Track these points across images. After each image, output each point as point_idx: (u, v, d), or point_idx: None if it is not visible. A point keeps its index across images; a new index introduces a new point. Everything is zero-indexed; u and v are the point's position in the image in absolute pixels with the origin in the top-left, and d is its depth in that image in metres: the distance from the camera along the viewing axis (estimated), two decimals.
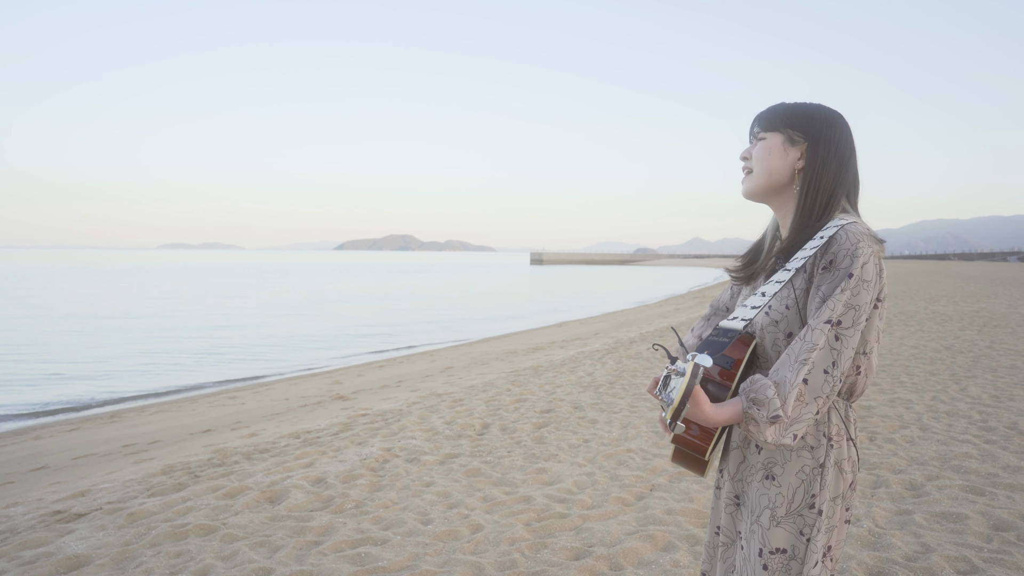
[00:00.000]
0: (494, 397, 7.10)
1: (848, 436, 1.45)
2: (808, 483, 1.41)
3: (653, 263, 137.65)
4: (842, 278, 1.34)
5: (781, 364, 1.36)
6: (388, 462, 4.80)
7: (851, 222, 1.39)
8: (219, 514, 3.81)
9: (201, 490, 4.29)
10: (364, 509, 3.83)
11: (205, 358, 14.06)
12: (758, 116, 1.54)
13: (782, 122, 1.49)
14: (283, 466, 4.79)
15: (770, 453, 1.46)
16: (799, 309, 1.41)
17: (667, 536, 3.30)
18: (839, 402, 1.46)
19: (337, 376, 11.12)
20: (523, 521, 3.57)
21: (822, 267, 1.37)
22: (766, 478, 1.45)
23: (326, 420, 6.71)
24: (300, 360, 13.87)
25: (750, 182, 1.53)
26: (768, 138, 1.50)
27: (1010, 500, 3.72)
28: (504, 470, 4.52)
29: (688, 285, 43.62)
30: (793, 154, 1.48)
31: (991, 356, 8.82)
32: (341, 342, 16.67)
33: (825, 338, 1.33)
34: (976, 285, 26.23)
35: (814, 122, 1.47)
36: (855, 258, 1.34)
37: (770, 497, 1.43)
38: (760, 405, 1.33)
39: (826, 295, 1.35)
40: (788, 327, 1.42)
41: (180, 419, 8.22)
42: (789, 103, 1.52)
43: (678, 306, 22.87)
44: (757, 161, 1.51)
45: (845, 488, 1.44)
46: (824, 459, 1.41)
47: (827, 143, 1.47)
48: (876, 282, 1.36)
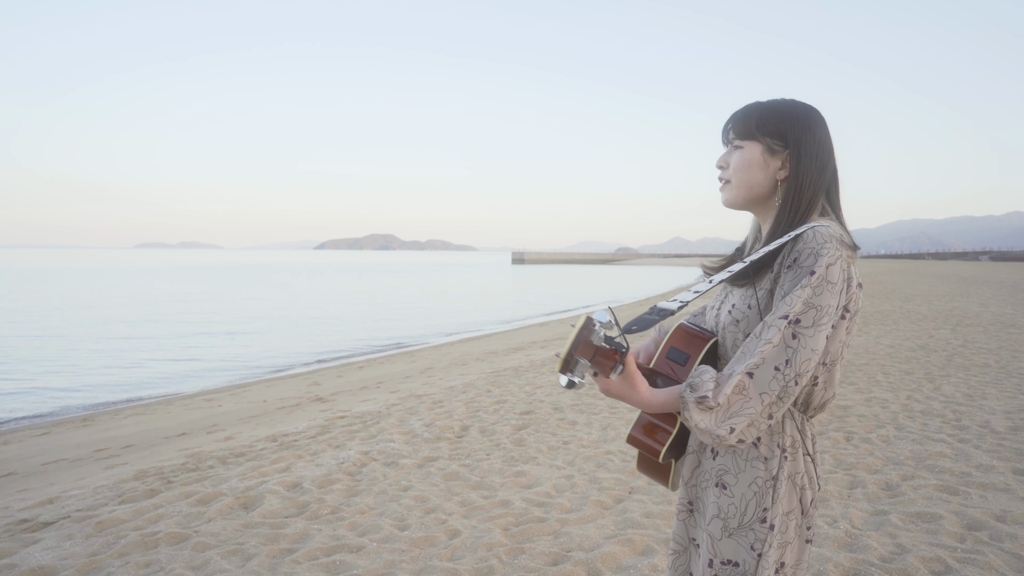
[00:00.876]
0: (474, 398, 7.06)
1: (805, 450, 1.40)
2: (760, 496, 1.36)
3: (634, 262, 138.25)
4: (803, 275, 1.29)
5: (734, 361, 1.32)
6: (366, 466, 4.75)
7: (823, 224, 1.35)
8: (191, 521, 3.74)
9: (174, 496, 4.22)
10: (340, 515, 3.78)
11: (181, 359, 13.87)
12: (732, 120, 1.47)
13: (759, 129, 1.42)
14: (259, 471, 4.72)
15: (724, 460, 1.40)
16: (761, 309, 1.37)
17: (645, 540, 3.29)
18: (795, 413, 1.41)
19: (316, 377, 11.03)
20: (501, 526, 3.54)
21: (786, 266, 1.33)
22: (718, 486, 1.40)
23: (304, 422, 6.64)
24: (279, 361, 13.74)
25: (729, 194, 1.47)
26: (746, 148, 1.44)
27: (983, 499, 3.76)
28: (483, 473, 4.49)
29: (669, 284, 43.84)
30: (774, 164, 1.42)
31: (964, 355, 8.93)
32: (320, 343, 16.54)
33: (780, 335, 1.28)
34: (949, 284, 26.63)
35: (793, 128, 1.41)
36: (819, 256, 1.29)
37: (721, 506, 1.39)
38: (694, 388, 1.28)
39: (786, 292, 1.31)
40: (749, 327, 1.38)
41: (155, 422, 8.10)
42: (763, 104, 1.45)
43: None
44: (736, 172, 1.45)
45: (805, 505, 1.39)
46: (777, 471, 1.36)
47: (808, 150, 1.41)
48: (843, 288, 1.31)
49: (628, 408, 6.27)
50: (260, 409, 8.24)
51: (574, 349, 1.21)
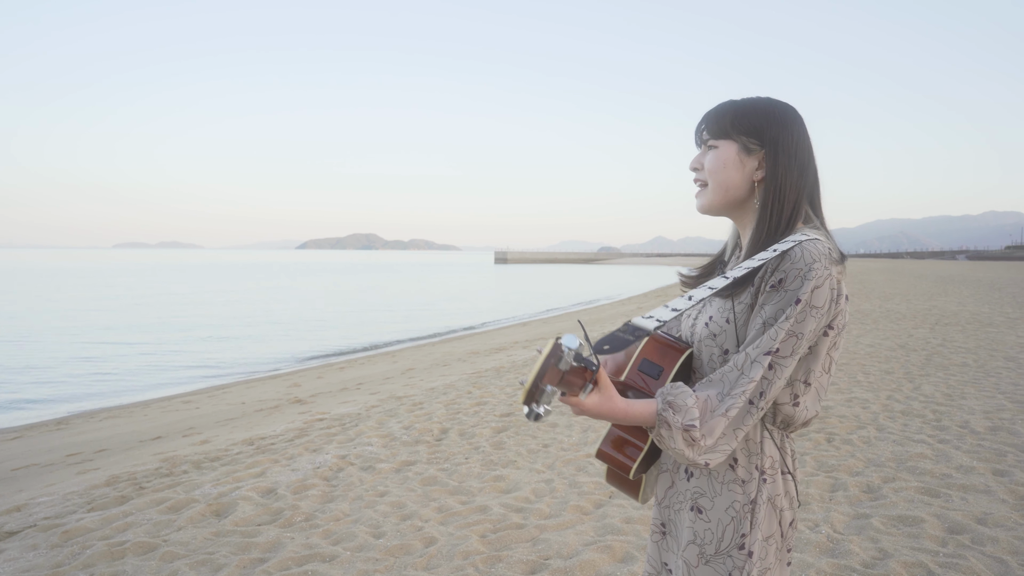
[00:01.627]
0: (454, 400, 6.99)
1: (784, 469, 1.34)
2: (738, 521, 1.29)
3: (617, 262, 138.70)
4: (788, 303, 1.22)
5: (709, 384, 1.25)
6: (342, 470, 4.66)
7: (811, 239, 1.26)
8: (161, 530, 3.64)
9: (144, 503, 4.11)
10: (314, 522, 3.69)
11: (159, 360, 13.67)
12: (706, 119, 1.39)
13: (734, 128, 1.35)
14: (233, 476, 4.62)
15: (699, 482, 1.34)
16: (738, 325, 1.30)
17: (625, 547, 3.24)
18: (774, 431, 1.34)
19: (296, 378, 10.89)
20: (478, 533, 3.47)
21: (770, 285, 1.25)
22: (693, 509, 1.34)
23: (282, 425, 6.53)
24: (259, 362, 13.57)
25: (705, 198, 1.39)
26: (720, 147, 1.36)
27: (963, 502, 3.74)
28: (461, 478, 4.42)
29: (651, 284, 43.96)
30: (750, 164, 1.35)
31: (943, 354, 8.99)
32: (301, 343, 16.38)
33: (763, 372, 1.22)
34: (928, 283, 26.92)
35: (770, 125, 1.34)
36: (806, 280, 1.21)
37: (697, 531, 1.32)
38: (676, 410, 1.20)
39: (768, 320, 1.23)
40: (726, 342, 1.31)
41: (131, 425, 7.95)
42: (738, 101, 1.38)
43: (641, 304, 23.00)
44: (711, 174, 1.37)
45: (784, 527, 1.33)
46: (756, 495, 1.30)
47: (786, 149, 1.33)
48: (829, 308, 1.24)
49: None
50: (238, 411, 8.11)
51: (540, 378, 1.11)
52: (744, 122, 1.34)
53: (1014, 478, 4.13)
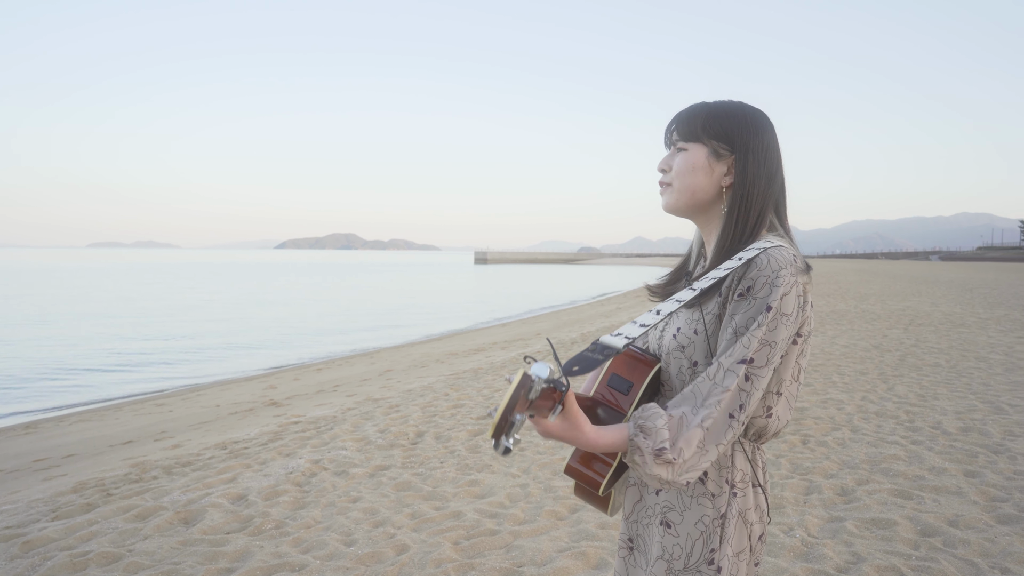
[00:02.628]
0: (431, 402, 6.93)
1: (755, 482, 1.31)
2: (708, 536, 1.26)
3: (596, 262, 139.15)
4: (759, 310, 1.19)
5: (683, 400, 1.21)
6: (315, 476, 4.59)
7: (776, 245, 1.24)
8: (126, 539, 3.55)
9: (111, 511, 4.01)
10: (284, 530, 3.63)
11: (133, 361, 13.45)
12: (676, 120, 1.37)
13: (704, 132, 1.32)
14: (204, 482, 4.53)
15: (668, 496, 1.31)
16: (708, 335, 1.27)
17: (599, 553, 3.21)
18: (745, 443, 1.31)
19: (272, 380, 10.76)
20: (451, 540, 3.43)
21: (738, 293, 1.22)
22: (662, 524, 1.31)
23: (256, 428, 6.43)
24: (235, 363, 13.40)
25: (670, 198, 1.37)
26: (690, 150, 1.33)
27: (936, 504, 3.77)
28: (435, 483, 4.37)
29: (629, 284, 44.12)
30: (719, 169, 1.32)
31: (916, 355, 9.08)
32: (279, 343, 16.21)
33: (737, 381, 1.19)
34: (902, 283, 27.27)
35: (741, 131, 1.31)
36: (774, 287, 1.19)
37: (665, 546, 1.29)
38: (647, 434, 1.16)
39: (739, 328, 1.21)
40: (695, 354, 1.28)
41: (101, 429, 7.79)
42: (710, 104, 1.35)
43: (620, 305, 23.05)
44: (678, 176, 1.34)
45: (753, 541, 1.30)
46: (726, 509, 1.27)
47: (756, 156, 1.31)
48: (797, 316, 1.22)
49: None
50: (212, 414, 7.99)
51: (510, 411, 1.04)
52: (715, 126, 1.32)
53: (985, 479, 4.16)
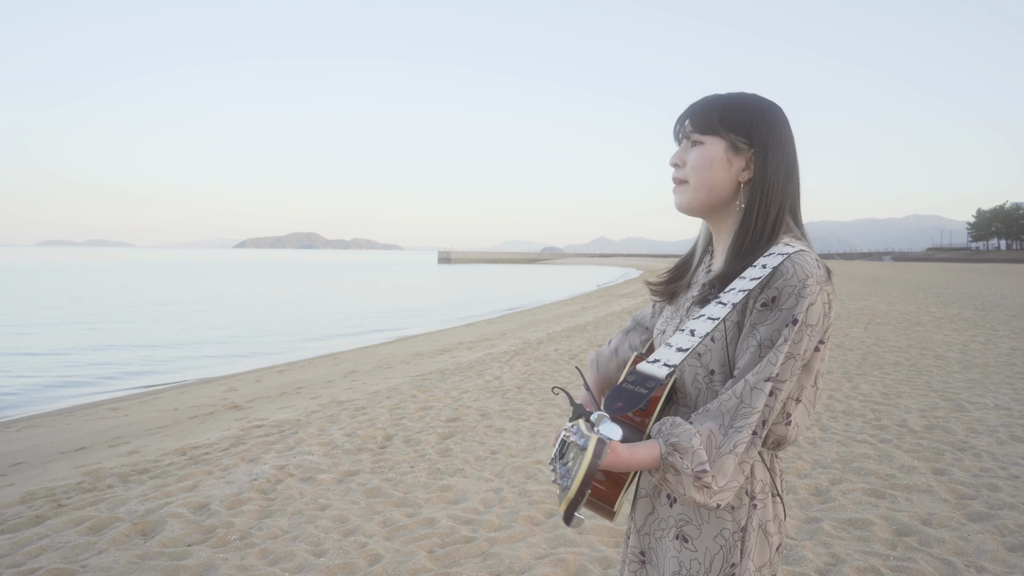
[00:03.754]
0: (398, 404, 6.80)
1: (774, 491, 1.26)
2: (728, 550, 1.20)
3: (560, 262, 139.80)
4: (784, 323, 1.14)
5: (707, 415, 1.15)
6: (281, 482, 4.43)
7: (799, 251, 1.18)
8: (79, 553, 3.36)
9: (63, 523, 3.80)
10: (250, 541, 3.47)
11: (84, 364, 12.99)
12: (691, 113, 1.30)
13: (722, 124, 1.25)
14: (162, 490, 4.34)
15: (684, 509, 1.25)
16: (726, 343, 1.21)
17: (579, 559, 3.14)
18: (764, 452, 1.26)
19: (233, 382, 10.48)
20: (425, 548, 3.32)
21: (761, 303, 1.16)
22: (678, 538, 1.24)
23: (217, 433, 6.22)
24: (193, 365, 13.03)
25: (685, 196, 1.29)
26: (707, 144, 1.26)
27: (908, 502, 3.79)
28: (407, 488, 4.25)
29: (593, 284, 44.33)
30: (737, 164, 1.26)
31: (877, 353, 9.24)
32: (239, 345, 15.83)
33: (765, 399, 1.13)
34: (858, 283, 27.89)
35: (759, 124, 1.25)
36: (801, 298, 1.14)
37: (682, 562, 1.23)
38: (683, 453, 1.11)
39: (764, 340, 1.15)
40: (711, 362, 1.22)
41: (52, 435, 7.47)
42: (725, 96, 1.29)
43: (584, 304, 23.11)
44: (695, 172, 1.27)
45: (771, 554, 1.24)
46: (746, 522, 1.21)
47: (776, 151, 1.25)
48: (821, 325, 1.17)
49: (558, 413, 6.15)
50: (170, 419, 7.72)
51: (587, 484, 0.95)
52: (733, 118, 1.26)
53: (953, 477, 4.21)
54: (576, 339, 11.92)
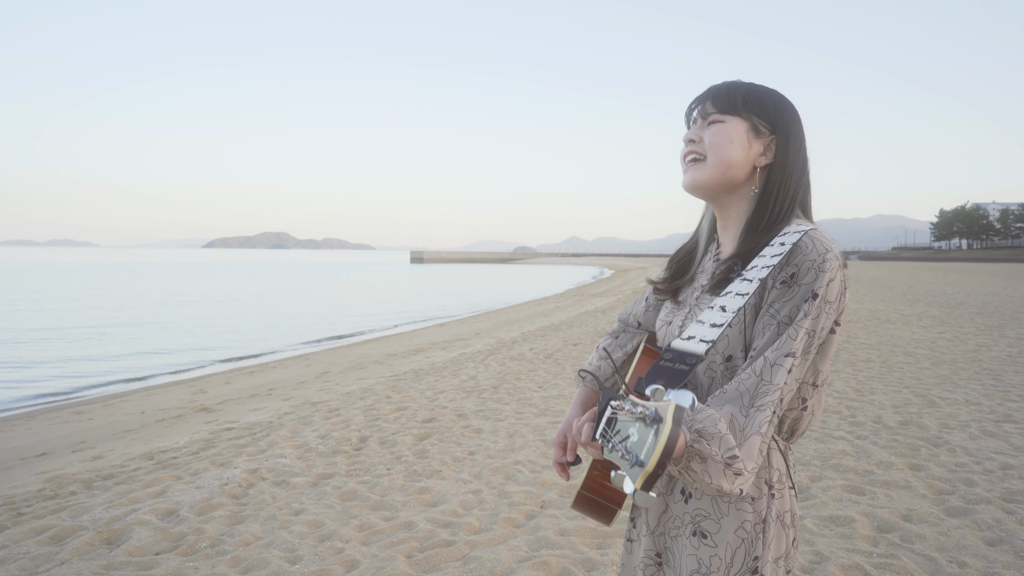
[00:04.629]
0: (372, 405, 6.68)
1: (790, 483, 1.23)
2: (750, 543, 1.16)
3: (533, 261, 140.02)
4: (804, 298, 1.10)
5: (726, 398, 1.10)
6: (253, 486, 4.31)
7: (814, 228, 1.17)
8: (40, 565, 3.21)
9: (22, 533, 3.64)
10: (221, 548, 3.35)
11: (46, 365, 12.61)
12: (714, 93, 1.27)
13: (745, 106, 1.24)
14: (129, 496, 4.19)
15: (701, 504, 1.19)
16: (744, 327, 1.16)
17: (562, 562, 3.07)
18: (779, 442, 1.22)
19: (202, 384, 10.25)
20: (404, 552, 3.23)
21: (781, 280, 1.13)
22: (695, 534, 1.19)
23: (185, 436, 6.05)
24: (161, 367, 12.73)
25: (700, 172, 1.25)
26: (727, 122, 1.24)
27: (888, 499, 3.79)
28: (383, 491, 4.15)
29: (566, 283, 44.42)
30: (756, 147, 1.24)
31: (849, 350, 9.34)
32: (207, 346, 15.52)
33: (785, 376, 1.09)
34: None
35: (782, 113, 1.25)
36: (821, 273, 1.11)
37: (701, 559, 1.17)
38: (710, 439, 1.03)
39: (783, 318, 1.11)
40: (728, 348, 1.17)
41: (11, 440, 7.21)
42: (748, 83, 1.28)
43: (558, 304, 23.11)
44: (713, 148, 1.24)
45: (787, 546, 1.20)
46: (766, 513, 1.17)
47: (796, 140, 1.25)
48: (838, 303, 1.14)
49: (535, 412, 6.08)
50: (137, 422, 7.51)
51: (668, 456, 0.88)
52: (757, 103, 1.25)
53: (930, 472, 4.23)
54: (551, 338, 11.89)
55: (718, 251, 1.33)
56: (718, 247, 1.34)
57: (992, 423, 5.43)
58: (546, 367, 8.65)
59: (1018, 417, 5.63)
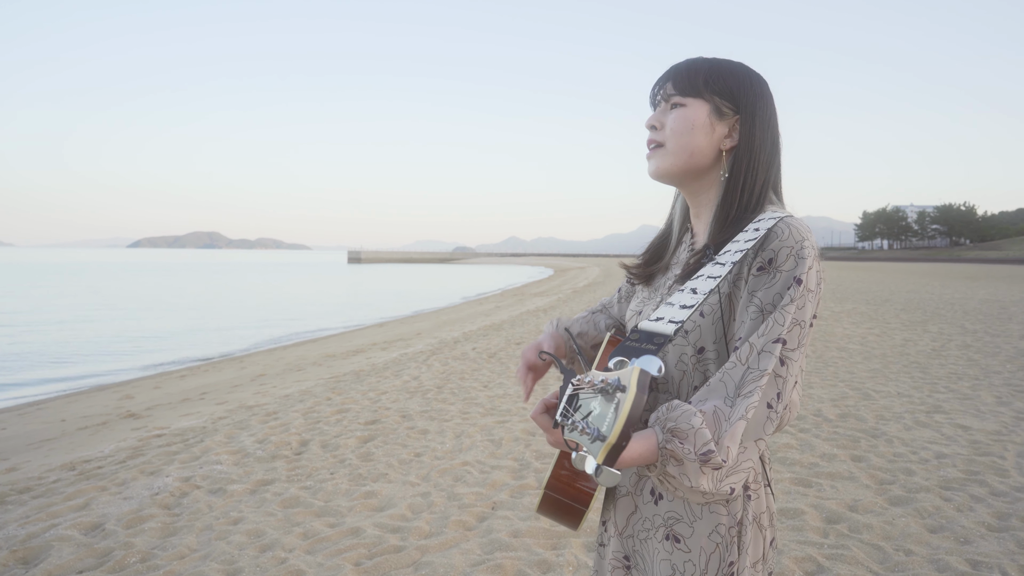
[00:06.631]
0: (313, 408, 6.46)
1: (766, 481, 1.17)
2: (725, 547, 1.09)
3: (472, 261, 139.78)
4: (786, 284, 1.04)
5: (709, 392, 1.03)
6: (187, 495, 4.07)
7: (789, 215, 1.11)
8: None
9: None
10: (152, 563, 3.13)
11: None
12: (674, 73, 1.20)
13: (707, 87, 1.17)
14: (47, 511, 3.89)
15: (673, 506, 1.13)
16: (717, 318, 1.10)
17: (517, 564, 2.99)
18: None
19: (128, 389, 9.75)
20: (352, 560, 3.08)
21: (757, 267, 1.06)
22: (668, 538, 1.12)
23: (111, 444, 5.71)
24: (83, 372, 12.08)
25: (663, 160, 1.19)
26: (689, 106, 1.17)
27: (834, 490, 3.85)
28: (327, 496, 3.98)
29: (506, 282, 44.46)
30: (720, 130, 1.17)
31: None
32: (134, 349, 14.83)
33: (774, 364, 1.02)
34: None
35: (746, 91, 1.17)
36: (800, 259, 1.04)
37: (675, 564, 1.11)
38: (683, 438, 0.96)
39: (766, 305, 1.04)
40: (700, 339, 1.11)
41: None
42: (710, 60, 1.20)
43: (498, 304, 23.05)
44: (675, 135, 1.17)
45: (765, 548, 1.14)
46: (742, 515, 1.10)
47: (763, 119, 1.18)
48: (817, 293, 1.09)
49: (482, 412, 5.98)
50: (56, 430, 7.06)
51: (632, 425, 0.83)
52: (720, 82, 1.17)
53: (871, 463, 4.33)
54: (493, 337, 11.81)
55: (692, 240, 1.27)
56: (692, 236, 1.28)
57: (924, 414, 5.62)
58: (490, 366, 8.56)
59: (947, 408, 5.84)
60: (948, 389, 6.64)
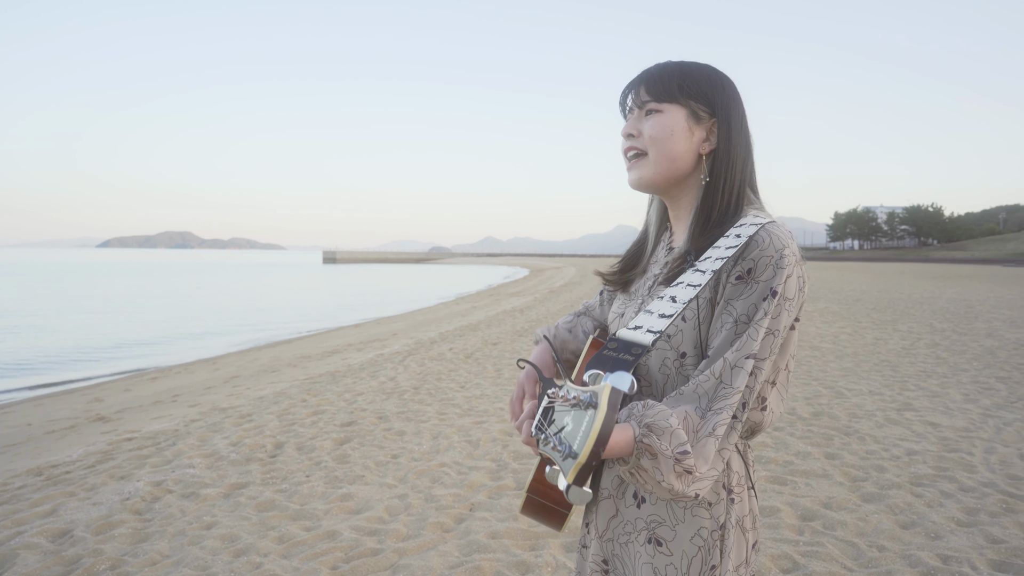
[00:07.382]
0: (287, 410, 6.39)
1: (749, 484, 1.17)
2: (707, 551, 1.09)
3: (448, 261, 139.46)
4: (762, 296, 1.05)
5: (682, 398, 1.04)
6: (158, 500, 4.00)
7: (771, 221, 1.11)
8: None
9: None
10: (123, 570, 3.07)
11: None
12: (646, 80, 1.20)
13: (681, 91, 1.17)
14: (13, 518, 3.80)
15: (655, 509, 1.13)
16: (698, 323, 1.10)
17: (495, 566, 2.97)
18: (738, 443, 1.17)
19: (98, 392, 9.57)
20: (328, 564, 3.05)
21: (736, 275, 1.07)
22: (650, 542, 1.12)
23: (80, 448, 5.59)
24: (50, 375, 11.83)
25: (645, 169, 1.19)
26: (665, 112, 1.17)
27: (808, 488, 3.89)
28: (303, 499, 3.94)
29: (482, 283, 44.41)
30: (699, 134, 1.18)
31: None
32: (104, 351, 14.57)
33: (746, 379, 1.03)
34: None
35: (719, 93, 1.18)
36: (779, 269, 1.05)
37: (657, 568, 1.11)
38: (660, 434, 0.97)
39: (741, 316, 1.05)
40: (682, 344, 1.11)
41: None
42: (682, 64, 1.20)
43: (475, 304, 23.01)
44: (655, 142, 1.17)
45: (748, 551, 1.15)
46: (725, 518, 1.11)
47: (737, 120, 1.19)
48: (797, 299, 1.09)
49: (459, 413, 5.96)
50: (22, 435, 6.91)
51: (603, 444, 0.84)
52: (694, 86, 1.17)
53: (844, 460, 4.39)
54: (470, 338, 11.78)
55: (671, 239, 1.27)
56: (671, 236, 1.28)
57: (895, 411, 5.71)
58: (467, 367, 8.53)
59: (916, 405, 5.94)
60: (918, 387, 6.76)
